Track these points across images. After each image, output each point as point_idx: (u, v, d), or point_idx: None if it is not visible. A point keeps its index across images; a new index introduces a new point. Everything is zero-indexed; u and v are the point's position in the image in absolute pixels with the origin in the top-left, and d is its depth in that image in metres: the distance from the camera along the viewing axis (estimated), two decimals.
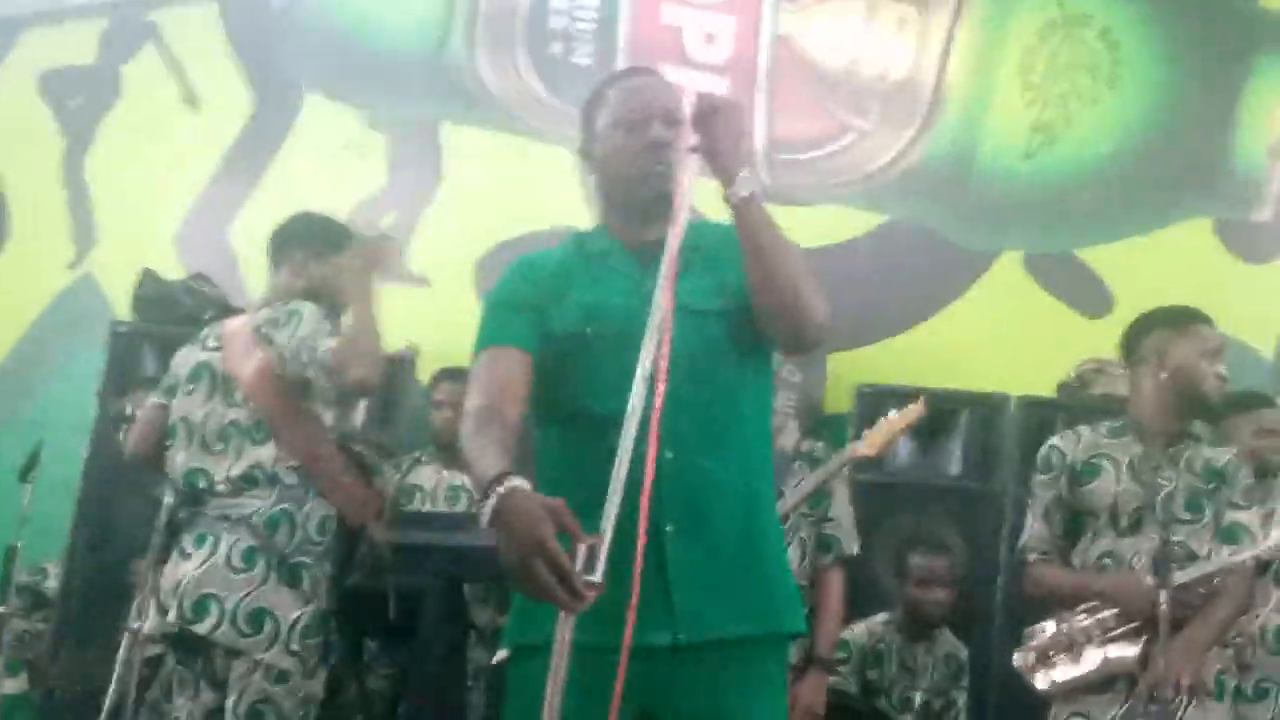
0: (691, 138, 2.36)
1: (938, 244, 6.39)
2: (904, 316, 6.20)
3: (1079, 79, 6.51)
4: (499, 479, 2.16)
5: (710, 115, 2.37)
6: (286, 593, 3.62)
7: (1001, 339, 6.16)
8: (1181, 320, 3.70)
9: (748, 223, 2.39)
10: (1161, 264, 6.23)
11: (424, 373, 5.76)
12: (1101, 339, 5.84)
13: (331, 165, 6.22)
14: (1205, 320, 3.72)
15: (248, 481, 3.65)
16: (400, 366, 5.65)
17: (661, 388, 2.17)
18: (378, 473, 4.01)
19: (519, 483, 2.15)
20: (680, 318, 2.27)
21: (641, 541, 2.14)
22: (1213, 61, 6.52)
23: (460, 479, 5.00)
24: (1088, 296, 6.31)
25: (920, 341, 6.14)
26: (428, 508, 5.02)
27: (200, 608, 3.56)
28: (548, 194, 6.19)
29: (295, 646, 3.61)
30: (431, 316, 6.04)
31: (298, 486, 3.67)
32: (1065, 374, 5.78)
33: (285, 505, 3.65)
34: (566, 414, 2.45)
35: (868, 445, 4.16)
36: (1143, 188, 6.50)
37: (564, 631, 2.06)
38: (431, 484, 5.10)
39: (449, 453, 5.05)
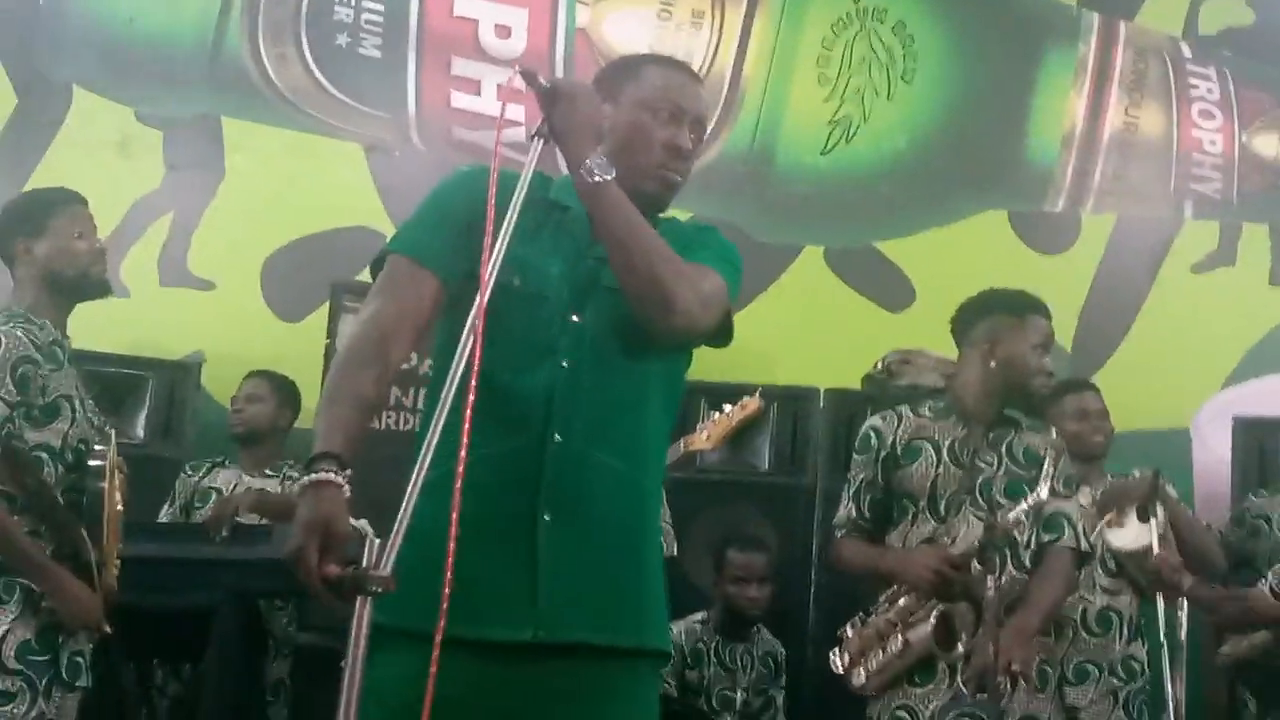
0: (537, 122, 2.19)
1: (739, 239, 6.16)
2: None
3: (874, 73, 6.50)
4: (315, 462, 2.00)
5: (556, 98, 2.19)
6: None
7: (807, 333, 6.12)
8: (1019, 309, 3.64)
9: (600, 207, 2.21)
10: (959, 256, 6.25)
11: (209, 378, 5.48)
12: (904, 331, 5.88)
13: (103, 164, 5.86)
14: (1043, 312, 3.66)
15: None
16: (185, 372, 5.36)
17: (476, 367, 1.93)
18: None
19: (325, 477, 1.97)
20: (601, 295, 2.22)
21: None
22: (1004, 54, 6.57)
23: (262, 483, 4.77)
24: (889, 289, 6.31)
25: None
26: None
27: None
28: (338, 190, 5.99)
29: (14, 665, 3.30)
30: (217, 320, 5.79)
31: None
32: (870, 366, 5.75)
33: None
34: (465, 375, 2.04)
35: (705, 438, 4.03)
36: (939, 181, 6.53)
37: (359, 618, 1.85)
38: (229, 488, 4.82)
39: (257, 450, 4.84)
